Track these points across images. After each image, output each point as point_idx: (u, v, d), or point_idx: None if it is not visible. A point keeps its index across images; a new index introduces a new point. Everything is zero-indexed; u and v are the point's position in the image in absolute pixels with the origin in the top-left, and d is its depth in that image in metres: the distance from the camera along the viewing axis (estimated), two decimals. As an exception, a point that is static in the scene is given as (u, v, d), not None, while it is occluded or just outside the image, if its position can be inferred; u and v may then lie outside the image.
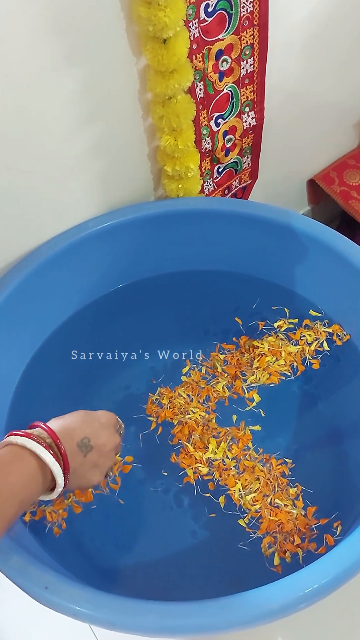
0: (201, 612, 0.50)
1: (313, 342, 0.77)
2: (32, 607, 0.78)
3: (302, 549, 0.62)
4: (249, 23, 0.77)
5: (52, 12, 0.60)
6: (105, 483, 0.63)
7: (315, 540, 0.62)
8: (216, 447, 0.69)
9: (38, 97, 0.65)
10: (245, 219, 0.82)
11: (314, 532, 0.63)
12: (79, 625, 0.78)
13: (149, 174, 0.85)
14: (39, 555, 0.58)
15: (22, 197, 0.73)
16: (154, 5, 0.62)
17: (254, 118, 0.89)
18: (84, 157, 0.75)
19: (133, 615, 0.50)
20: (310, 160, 1.12)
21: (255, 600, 0.50)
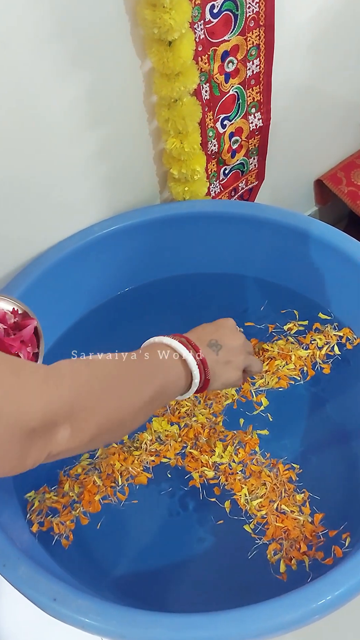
0: (211, 625, 0.49)
1: (324, 346, 0.76)
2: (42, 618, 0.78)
3: (309, 556, 0.61)
4: (255, 24, 0.76)
5: (56, 16, 0.59)
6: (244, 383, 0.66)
7: (322, 548, 0.61)
8: (222, 451, 0.68)
9: (43, 102, 0.65)
10: (251, 221, 0.81)
11: (321, 539, 0.62)
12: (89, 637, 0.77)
13: (154, 176, 0.84)
14: (48, 566, 0.58)
15: (27, 201, 0.72)
16: (159, 7, 0.61)
17: (260, 119, 0.88)
18: (90, 160, 0.75)
19: (142, 628, 0.49)
20: (317, 160, 1.11)
21: (266, 614, 0.49)
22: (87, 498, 0.67)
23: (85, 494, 0.67)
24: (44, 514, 0.66)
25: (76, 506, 0.67)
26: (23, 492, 0.69)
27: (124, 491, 0.68)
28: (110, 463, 0.69)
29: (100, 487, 0.68)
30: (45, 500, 0.67)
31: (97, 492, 0.67)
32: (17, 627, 0.79)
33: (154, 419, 0.72)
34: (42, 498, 0.68)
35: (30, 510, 0.67)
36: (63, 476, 0.70)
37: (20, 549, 0.56)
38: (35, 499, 0.68)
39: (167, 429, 0.70)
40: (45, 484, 0.69)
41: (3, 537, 0.56)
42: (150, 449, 0.69)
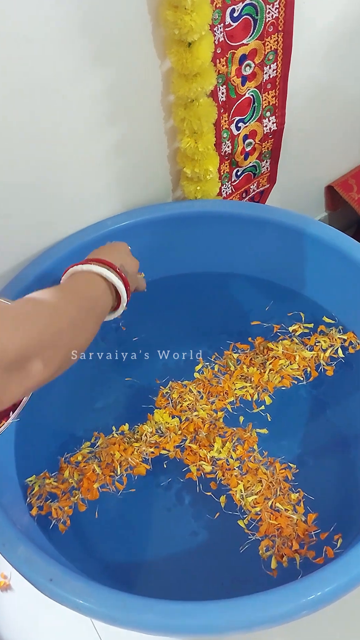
0: (202, 613, 0.50)
1: (328, 349, 0.77)
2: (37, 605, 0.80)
3: (300, 555, 0.62)
4: (274, 29, 0.77)
5: (80, 15, 0.61)
6: None
7: (314, 547, 0.62)
8: (221, 447, 0.69)
9: (65, 97, 0.66)
10: (261, 223, 0.82)
11: (313, 539, 0.63)
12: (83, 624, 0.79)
13: (168, 175, 0.85)
14: (45, 549, 0.59)
15: (44, 193, 0.74)
16: (180, 9, 0.63)
17: (275, 123, 0.89)
18: (106, 156, 0.76)
19: (134, 612, 0.51)
20: (329, 166, 1.11)
21: (257, 605, 0.50)
22: (86, 485, 0.68)
23: (84, 482, 0.69)
24: (43, 499, 0.68)
25: (75, 493, 0.69)
26: (24, 477, 0.70)
27: (122, 481, 0.69)
28: (110, 453, 0.70)
29: (100, 475, 0.69)
30: (45, 486, 0.69)
31: (96, 480, 0.69)
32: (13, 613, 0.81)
33: (155, 411, 0.73)
34: (42, 483, 0.69)
35: (30, 494, 0.68)
36: (64, 463, 0.71)
37: (20, 530, 0.57)
38: (36, 483, 0.69)
39: (168, 421, 0.72)
40: (45, 470, 0.71)
41: (3, 518, 0.58)
42: (150, 441, 0.71)
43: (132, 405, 0.77)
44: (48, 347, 0.45)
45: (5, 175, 0.68)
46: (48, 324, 0.46)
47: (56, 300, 0.50)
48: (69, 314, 0.49)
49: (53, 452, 0.73)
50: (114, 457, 0.70)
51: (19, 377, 0.43)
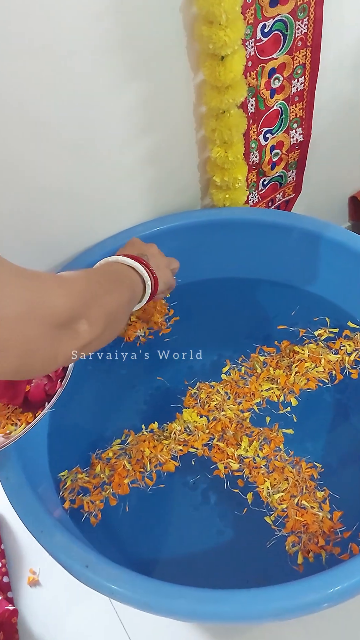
0: (233, 600, 0.52)
1: (353, 353, 0.79)
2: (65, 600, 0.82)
3: (326, 550, 0.63)
4: (303, 44, 0.80)
5: (119, 30, 0.64)
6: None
7: (339, 544, 0.64)
8: (248, 445, 0.71)
9: (101, 108, 0.69)
10: (286, 230, 0.85)
11: (339, 535, 0.64)
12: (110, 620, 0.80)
13: (197, 183, 0.88)
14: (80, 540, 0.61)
15: (78, 199, 0.77)
16: (215, 24, 0.66)
17: (301, 134, 0.92)
18: (139, 164, 0.79)
19: (167, 598, 0.52)
20: (353, 177, 1.14)
21: (286, 594, 0.51)
22: (117, 481, 0.71)
23: (115, 477, 0.71)
24: (75, 492, 0.70)
25: (106, 487, 0.71)
26: (56, 472, 0.72)
27: (151, 477, 0.71)
28: (140, 449, 0.72)
29: (130, 471, 0.71)
30: (77, 480, 0.71)
31: (127, 475, 0.71)
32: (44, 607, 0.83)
33: (184, 410, 0.75)
34: (75, 478, 0.71)
35: (63, 488, 0.71)
36: (95, 459, 0.74)
37: (56, 519, 0.60)
38: (68, 478, 0.71)
39: (196, 420, 0.74)
40: (77, 465, 0.73)
41: (41, 507, 0.60)
42: (179, 439, 0.73)
43: (160, 405, 0.79)
44: (91, 308, 0.49)
45: (44, 180, 0.71)
46: (87, 288, 0.50)
47: (90, 272, 0.57)
48: (104, 284, 0.54)
49: (84, 449, 0.75)
50: (143, 453, 0.72)
51: (69, 335, 0.47)
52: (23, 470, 0.65)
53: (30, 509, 0.60)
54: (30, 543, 0.88)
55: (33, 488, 0.62)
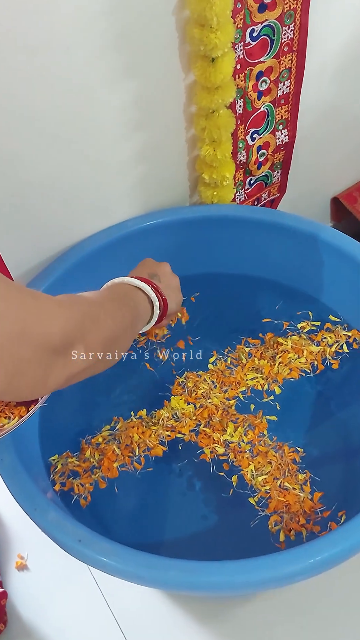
0: (222, 570, 0.54)
1: (334, 344, 0.83)
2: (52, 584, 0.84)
3: (307, 529, 0.67)
4: (289, 49, 0.84)
5: (115, 29, 0.67)
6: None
7: (319, 523, 0.67)
8: (233, 431, 0.74)
9: (94, 104, 0.72)
10: (273, 226, 0.88)
11: (319, 515, 0.68)
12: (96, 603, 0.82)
13: (186, 180, 0.91)
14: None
15: (70, 193, 0.80)
16: (206, 27, 0.69)
17: (287, 136, 0.96)
18: (130, 161, 0.82)
19: (158, 570, 0.55)
20: (336, 179, 1.18)
21: (272, 564, 0.54)
22: (107, 464, 0.73)
23: (105, 461, 0.73)
24: (65, 476, 0.72)
25: (96, 471, 0.73)
26: (48, 456, 0.75)
27: (140, 461, 0.74)
28: (129, 435, 0.75)
29: (119, 455, 0.74)
30: (67, 464, 0.73)
31: (116, 460, 0.74)
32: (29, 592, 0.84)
33: (172, 398, 0.78)
34: (65, 462, 0.74)
35: (54, 471, 0.73)
36: (85, 444, 0.76)
37: (49, 498, 0.62)
38: (59, 462, 0.74)
39: (183, 407, 0.77)
40: (68, 450, 0.75)
41: (34, 486, 0.62)
42: (166, 425, 0.75)
43: (149, 393, 0.82)
44: (89, 333, 0.47)
45: (37, 174, 0.74)
46: (87, 311, 0.49)
47: (93, 294, 0.54)
48: (106, 306, 0.53)
49: (75, 435, 0.78)
50: (132, 439, 0.75)
51: (63, 361, 0.44)
52: (16, 453, 0.67)
53: (24, 488, 0.62)
54: (18, 530, 0.90)
55: (27, 469, 0.64)
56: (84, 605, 0.83)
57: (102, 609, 0.82)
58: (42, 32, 0.62)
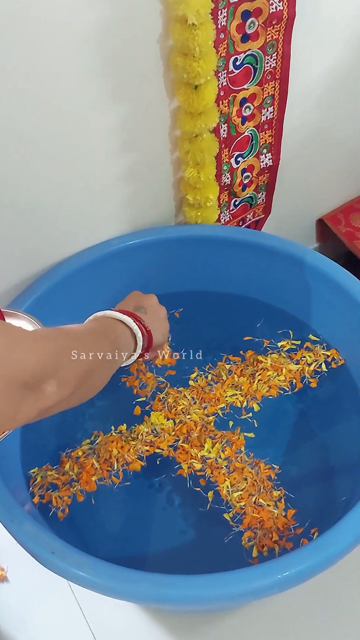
0: (192, 584, 0.55)
1: (313, 363, 0.84)
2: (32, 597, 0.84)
3: (279, 545, 0.68)
4: (272, 77, 0.87)
5: (103, 57, 0.70)
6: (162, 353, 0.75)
7: (292, 540, 0.68)
8: (211, 447, 0.76)
9: (83, 126, 0.75)
10: (255, 247, 0.90)
11: (292, 532, 0.69)
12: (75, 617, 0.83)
13: (172, 201, 0.94)
14: (46, 531, 0.64)
15: (57, 212, 0.82)
16: (189, 56, 0.72)
17: (271, 159, 0.98)
18: (116, 181, 0.84)
19: (130, 583, 0.56)
20: (320, 201, 1.21)
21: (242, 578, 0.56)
22: (85, 478, 0.74)
23: (83, 474, 0.74)
24: (44, 488, 0.74)
25: (74, 484, 0.74)
26: (27, 468, 0.76)
27: (118, 475, 0.75)
28: (109, 449, 0.76)
29: (98, 469, 0.75)
30: (47, 477, 0.74)
31: (95, 473, 0.75)
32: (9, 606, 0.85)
33: (152, 413, 0.79)
34: (45, 474, 0.75)
35: (33, 484, 0.74)
36: (65, 457, 0.77)
37: (26, 510, 0.63)
38: (38, 474, 0.75)
39: (163, 422, 0.78)
40: (48, 463, 0.76)
41: (11, 498, 0.63)
42: (145, 440, 0.77)
43: (130, 408, 0.83)
44: (63, 368, 0.46)
45: (27, 191, 0.76)
46: (62, 346, 0.48)
47: (72, 328, 0.54)
48: (84, 340, 0.52)
49: (55, 448, 0.79)
50: (111, 453, 0.76)
51: (34, 396, 0.44)
52: (-4, 464, 0.68)
53: (1, 500, 0.63)
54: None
55: (5, 481, 0.66)
56: (62, 619, 0.84)
57: (79, 623, 0.83)
58: (32, 57, 0.65)
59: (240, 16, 0.77)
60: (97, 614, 0.83)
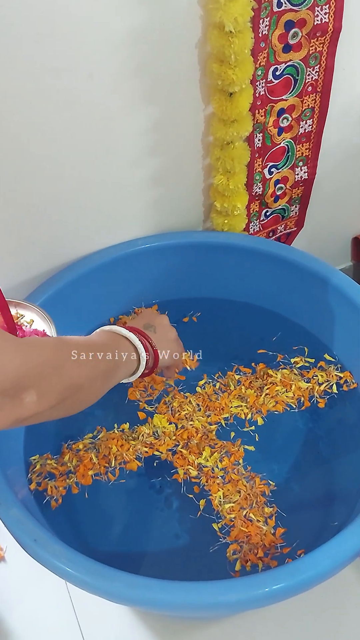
0: (163, 589, 0.56)
1: (324, 383, 0.83)
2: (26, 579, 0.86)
3: (264, 562, 0.67)
4: (312, 89, 0.86)
5: (139, 58, 0.70)
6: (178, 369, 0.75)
7: (277, 558, 0.67)
8: (209, 455, 0.75)
9: (115, 127, 0.76)
10: (280, 261, 0.89)
11: (278, 550, 0.68)
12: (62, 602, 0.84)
13: (200, 206, 0.94)
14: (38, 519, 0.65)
15: (86, 209, 0.83)
16: (225, 63, 0.72)
17: (306, 172, 0.97)
18: (145, 182, 0.85)
19: (104, 580, 0.56)
20: (356, 218, 1.18)
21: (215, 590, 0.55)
22: (82, 471, 0.75)
23: (81, 467, 0.75)
24: (42, 476, 0.75)
25: (71, 476, 0.75)
26: (29, 455, 0.77)
27: (114, 472, 0.76)
28: (108, 446, 0.77)
29: (96, 464, 0.76)
30: (46, 465, 0.76)
31: (92, 468, 0.76)
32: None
33: (155, 416, 0.80)
34: (44, 463, 0.76)
35: (32, 470, 0.75)
36: (66, 448, 0.79)
37: (18, 496, 0.64)
38: (38, 462, 0.76)
39: (165, 426, 0.78)
40: (49, 452, 0.78)
41: (3, 482, 0.65)
42: (145, 441, 0.77)
43: (135, 408, 0.84)
44: (45, 379, 0.45)
45: (57, 188, 0.78)
46: (49, 357, 0.47)
47: (73, 341, 0.53)
48: (80, 355, 0.51)
49: (58, 438, 0.80)
50: (111, 450, 0.77)
51: (12, 404, 0.43)
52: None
53: (-7, 482, 0.65)
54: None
55: (2, 465, 0.67)
56: (51, 605, 0.85)
57: (67, 612, 0.84)
58: (66, 56, 0.66)
59: (283, 26, 0.76)
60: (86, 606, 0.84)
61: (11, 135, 0.69)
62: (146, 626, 0.82)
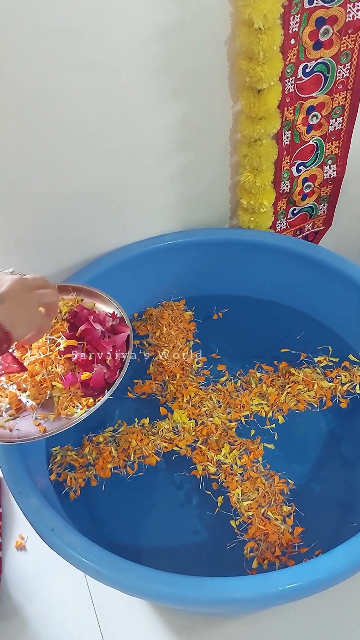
0: (175, 583, 0.56)
1: (347, 383, 0.82)
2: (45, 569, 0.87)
3: (281, 561, 0.66)
4: (343, 87, 0.84)
5: (167, 54, 0.71)
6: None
7: (294, 557, 0.67)
8: (228, 452, 0.75)
9: (143, 122, 0.76)
10: (305, 259, 0.88)
11: (296, 550, 0.67)
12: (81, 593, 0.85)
13: (227, 203, 0.94)
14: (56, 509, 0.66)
15: (114, 204, 0.84)
16: (254, 60, 0.72)
17: (335, 171, 0.96)
18: (173, 178, 0.85)
19: (117, 571, 0.57)
20: (388, 219, 1.16)
21: (227, 587, 0.55)
22: (101, 464, 0.76)
23: (100, 460, 0.76)
24: (63, 467, 0.76)
25: (90, 468, 0.76)
26: (51, 446, 0.79)
27: (133, 466, 0.76)
28: (128, 440, 0.78)
29: (115, 458, 0.77)
30: (66, 457, 0.77)
31: (111, 461, 0.76)
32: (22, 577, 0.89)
33: (175, 411, 0.80)
34: (65, 454, 0.77)
35: (53, 461, 0.77)
36: (87, 441, 0.80)
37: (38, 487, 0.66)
38: (59, 453, 0.78)
39: (185, 421, 0.79)
40: (70, 444, 0.79)
41: (23, 471, 0.66)
42: (165, 436, 0.78)
43: (156, 402, 0.84)
44: None
45: (85, 184, 0.79)
46: None
47: None
48: None
49: (79, 430, 0.81)
50: (130, 444, 0.77)
51: None
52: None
53: (14, 471, 0.66)
54: (22, 511, 0.94)
55: (22, 454, 0.69)
56: (70, 595, 0.87)
57: (85, 601, 0.85)
58: (94, 51, 0.67)
59: (314, 23, 0.76)
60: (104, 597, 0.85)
61: (46, 135, 0.71)
62: (163, 621, 0.82)
